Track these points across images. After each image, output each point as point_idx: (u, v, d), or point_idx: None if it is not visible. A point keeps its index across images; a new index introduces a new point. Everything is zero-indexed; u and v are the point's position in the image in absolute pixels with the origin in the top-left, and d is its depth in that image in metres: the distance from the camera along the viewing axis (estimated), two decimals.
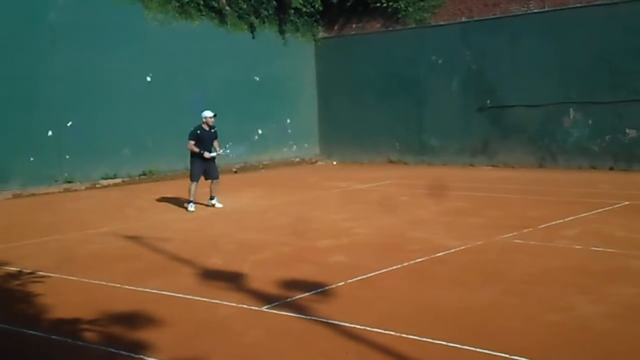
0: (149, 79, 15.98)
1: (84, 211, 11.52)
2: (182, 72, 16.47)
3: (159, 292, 6.06)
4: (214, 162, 11.11)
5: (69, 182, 14.51)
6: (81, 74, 14.58)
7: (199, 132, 10.94)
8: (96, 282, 6.52)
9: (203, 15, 17.07)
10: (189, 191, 10.97)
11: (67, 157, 14.54)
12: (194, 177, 10.98)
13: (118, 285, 6.35)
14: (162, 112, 16.08)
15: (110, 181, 15.18)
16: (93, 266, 7.23)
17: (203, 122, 11.02)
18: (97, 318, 5.29)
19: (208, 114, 11.02)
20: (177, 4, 16.38)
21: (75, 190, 14.34)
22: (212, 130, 11.06)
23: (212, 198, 11.21)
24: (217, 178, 11.10)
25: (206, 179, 11.10)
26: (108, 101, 15.10)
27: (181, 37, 16.47)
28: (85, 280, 6.60)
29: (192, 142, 10.93)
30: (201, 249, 7.89)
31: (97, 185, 14.92)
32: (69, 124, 14.56)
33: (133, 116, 15.54)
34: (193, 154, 10.98)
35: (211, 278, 6.49)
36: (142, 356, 4.45)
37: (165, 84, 16.16)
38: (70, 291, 6.28)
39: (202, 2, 16.85)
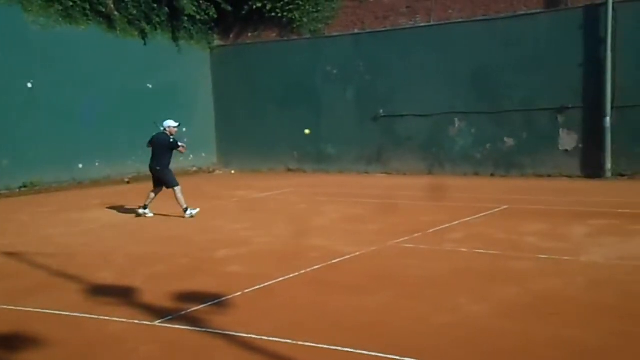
0: (30, 85, 15.02)
1: None
2: (69, 78, 15.65)
3: (43, 310, 5.68)
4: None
5: None
6: None
7: (153, 140, 10.99)
8: None
9: (90, 20, 16.33)
10: (180, 200, 10.75)
11: None
12: (177, 181, 10.90)
13: None
14: (46, 121, 15.17)
15: None
16: None
17: (166, 131, 10.91)
18: None
19: (172, 123, 10.95)
20: (60, 8, 15.54)
21: None
22: (170, 141, 10.96)
23: (145, 207, 10.95)
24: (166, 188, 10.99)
25: (158, 186, 10.96)
26: None
27: (66, 42, 15.65)
28: None
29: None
30: (89, 264, 7.49)
31: None
32: None
33: (12, 124, 14.54)
34: (167, 164, 10.92)
35: (100, 294, 6.18)
36: None
37: (49, 91, 15.26)
38: None
39: (88, 7, 16.11)
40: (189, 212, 10.72)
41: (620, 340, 4.61)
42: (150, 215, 10.99)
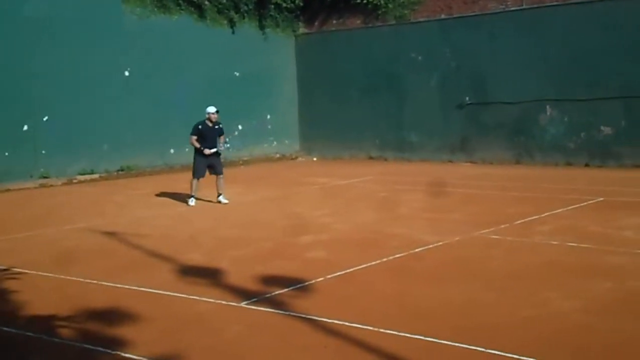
0: (127, 73, 15.81)
1: (60, 207, 11.37)
2: (161, 67, 16.33)
3: (137, 288, 6.01)
4: (219, 158, 10.92)
5: (45, 177, 14.31)
6: (58, 68, 14.37)
7: (200, 127, 10.73)
8: (72, 278, 6.45)
9: (182, 10, 16.93)
10: (191, 186, 10.84)
11: (43, 152, 14.33)
12: (195, 173, 10.81)
13: (95, 281, 6.29)
14: (141, 107, 15.94)
15: (88, 177, 15.00)
16: (70, 262, 7.14)
17: (206, 118, 10.85)
18: (73, 314, 5.23)
19: (211, 109, 10.83)
20: None
21: (51, 185, 14.14)
22: (217, 127, 10.86)
23: (219, 195, 10.97)
24: (221, 174, 10.91)
25: (211, 174, 10.93)
26: (85, 96, 14.91)
27: (160, 31, 16.32)
28: (61, 276, 6.52)
29: (194, 138, 10.73)
30: (180, 245, 7.84)
31: (74, 181, 14.73)
32: (45, 119, 14.35)
33: (111, 111, 15.37)
34: (195, 149, 10.80)
35: (190, 274, 6.45)
36: (119, 352, 4.42)
37: (143, 79, 16.00)
38: (47, 288, 6.20)
39: None
40: (190, 199, 10.77)
41: None
42: (192, 204, 10.78)
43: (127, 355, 4.37)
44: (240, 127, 18.48)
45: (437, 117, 17.27)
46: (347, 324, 4.81)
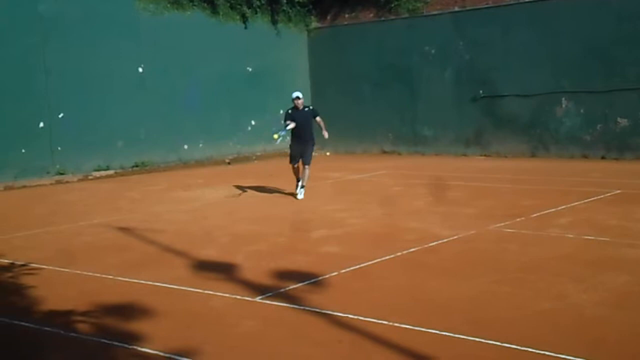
0: (140, 70, 15.90)
1: (76, 203, 11.47)
2: (175, 63, 16.39)
3: (152, 283, 6.05)
4: (310, 146, 10.79)
5: (61, 173, 14.45)
6: (72, 65, 14.48)
7: (289, 111, 10.74)
8: (89, 273, 6.51)
9: (195, 6, 16.97)
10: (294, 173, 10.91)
11: (59, 148, 14.47)
12: (291, 160, 10.88)
13: (111, 276, 6.34)
14: (155, 104, 16.02)
15: (103, 173, 15.13)
16: (86, 258, 7.21)
17: (293, 105, 10.78)
18: (89, 309, 5.28)
19: (294, 94, 10.82)
20: None
21: (67, 182, 14.28)
22: (306, 109, 10.84)
23: (302, 186, 10.82)
24: (307, 164, 10.77)
25: (301, 161, 10.84)
26: (100, 92, 15.02)
27: (173, 27, 16.38)
28: (77, 272, 6.59)
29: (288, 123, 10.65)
30: (195, 241, 7.88)
31: (90, 177, 14.86)
32: (60, 116, 14.48)
33: (125, 107, 15.47)
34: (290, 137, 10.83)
35: (205, 269, 6.49)
36: (135, 347, 4.45)
37: (157, 75, 16.08)
38: (63, 283, 6.26)
39: None
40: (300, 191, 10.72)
41: None
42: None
43: (143, 349, 4.41)
44: (253, 122, 18.52)
45: (450, 110, 17.16)
46: (361, 318, 4.81)
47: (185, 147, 16.93)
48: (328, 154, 19.34)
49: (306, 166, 10.75)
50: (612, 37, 14.51)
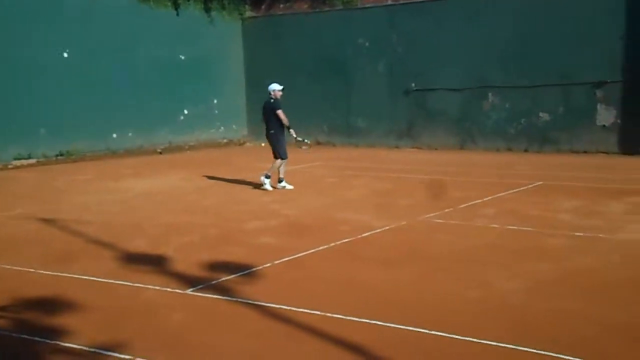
0: (66, 55, 15.22)
1: None
2: (103, 49, 15.81)
3: (79, 276, 5.83)
4: (272, 138, 10.60)
5: None
6: None
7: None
8: (8, 267, 6.19)
9: None
10: (278, 169, 10.47)
11: None
12: (284, 154, 10.42)
13: (33, 270, 6.06)
14: (82, 90, 15.41)
15: (24, 162, 14.43)
16: (5, 250, 6.85)
17: (271, 96, 10.56)
18: (9, 304, 5.04)
19: (277, 86, 10.55)
20: None
21: None
22: (271, 101, 10.59)
23: (281, 180, 10.64)
24: (287, 158, 10.64)
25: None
26: (21, 78, 14.29)
27: (101, 12, 15.77)
28: None
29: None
30: (124, 232, 7.64)
31: (9, 166, 14.14)
32: None
33: (49, 94, 14.79)
34: (275, 130, 10.39)
35: (134, 261, 6.31)
36: (58, 342, 4.28)
37: (85, 61, 15.47)
38: None
39: None
40: (282, 183, 10.50)
41: None
42: (290, 187, 10.52)
43: (67, 344, 4.24)
44: (186, 111, 18.16)
45: (384, 103, 17.43)
46: (294, 309, 4.81)
47: (114, 135, 16.39)
48: (263, 144, 19.15)
49: (286, 160, 10.62)
50: (537, 34, 15.14)
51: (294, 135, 10.61)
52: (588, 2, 14.56)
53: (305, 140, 11.02)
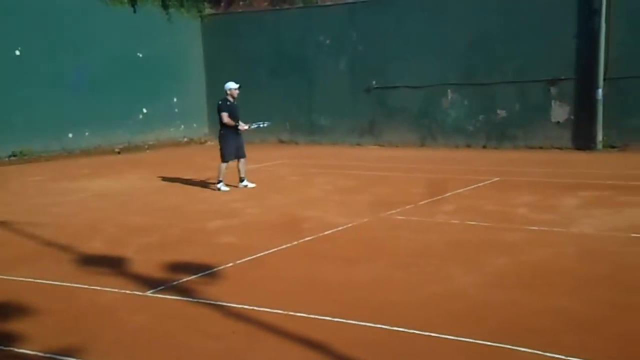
0: (18, 52, 14.76)
1: None
2: (58, 46, 15.41)
3: (33, 280, 5.66)
4: (243, 139, 10.38)
5: None
6: None
7: (228, 103, 10.14)
8: None
9: None
10: (219, 171, 10.21)
11: None
12: (226, 157, 10.13)
13: None
14: (35, 89, 14.98)
15: None
16: None
17: (227, 95, 10.23)
18: None
19: (233, 85, 10.24)
20: None
21: None
22: (236, 103, 10.32)
23: (242, 180, 10.48)
24: (245, 156, 10.41)
25: (237, 157, 10.30)
26: None
27: (56, 9, 15.37)
28: None
29: (226, 114, 10.07)
30: (80, 234, 7.46)
31: None
32: None
33: (1, 92, 14.31)
34: (224, 130, 10.12)
35: (91, 264, 6.16)
36: (11, 348, 4.14)
37: (38, 59, 15.04)
38: None
39: None
40: (220, 185, 10.30)
41: (612, 311, 4.64)
42: (226, 189, 10.25)
43: (21, 350, 4.11)
44: (145, 110, 17.86)
45: (346, 100, 17.49)
46: (256, 308, 4.78)
47: (70, 135, 15.99)
48: None
49: (244, 160, 10.47)
50: (494, 31, 15.43)
51: (246, 127, 10.36)
52: (542, 1, 14.90)
53: (262, 124, 10.81)
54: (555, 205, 8.56)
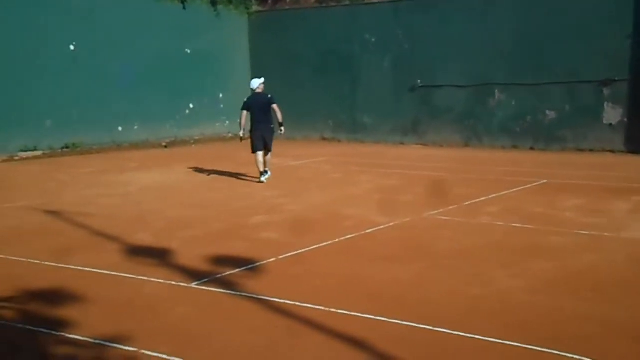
0: (72, 47, 15.25)
1: None
2: (109, 41, 15.82)
3: (83, 268, 5.85)
4: (272, 132, 10.77)
5: None
6: None
7: (245, 99, 10.73)
8: (13, 258, 6.23)
9: None
10: (257, 163, 10.67)
11: None
12: (255, 148, 10.62)
13: (38, 261, 6.09)
14: (88, 83, 15.44)
15: (30, 153, 14.47)
16: (10, 242, 6.89)
17: (260, 90, 10.80)
18: (15, 295, 5.07)
19: (255, 84, 10.82)
20: None
21: None
22: (263, 95, 10.76)
23: (266, 172, 10.81)
24: (270, 150, 10.82)
25: (265, 149, 10.71)
26: (27, 70, 14.32)
27: (108, 5, 15.78)
28: (1, 256, 6.28)
29: (244, 113, 10.70)
30: (128, 225, 7.67)
31: (15, 158, 14.19)
32: None
33: (55, 86, 14.82)
34: (251, 123, 10.67)
35: (138, 254, 6.33)
36: (63, 333, 4.30)
37: (91, 54, 15.49)
38: None
39: None
40: (261, 177, 10.67)
41: None
42: (264, 179, 10.66)
43: (71, 336, 4.27)
44: (191, 105, 18.17)
45: (389, 99, 17.39)
46: (297, 304, 4.82)
47: (120, 129, 16.42)
48: None
49: (268, 152, 10.81)
50: (544, 31, 15.07)
51: (241, 134, 10.88)
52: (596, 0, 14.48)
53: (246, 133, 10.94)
54: (605, 209, 8.33)
